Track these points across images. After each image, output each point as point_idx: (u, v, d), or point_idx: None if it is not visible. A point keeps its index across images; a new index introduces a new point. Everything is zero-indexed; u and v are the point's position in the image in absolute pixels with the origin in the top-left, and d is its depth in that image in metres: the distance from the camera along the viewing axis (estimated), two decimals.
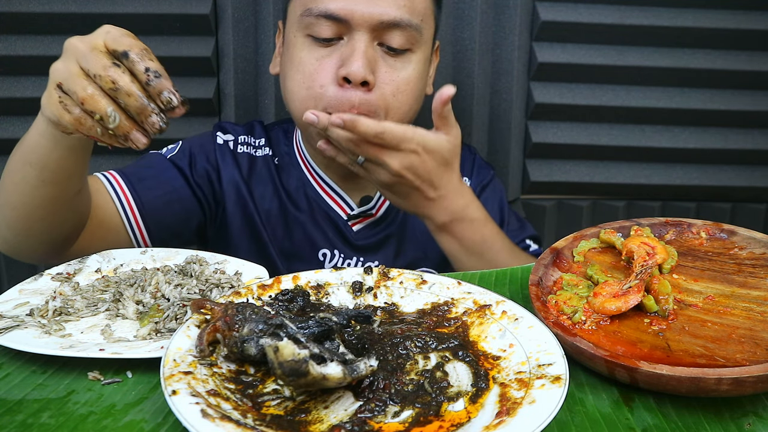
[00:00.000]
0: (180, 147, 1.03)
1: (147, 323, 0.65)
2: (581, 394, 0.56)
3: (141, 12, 1.21)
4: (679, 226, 0.79)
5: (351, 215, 1.03)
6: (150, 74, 0.63)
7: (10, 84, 1.23)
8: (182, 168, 1.00)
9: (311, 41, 0.91)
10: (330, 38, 0.90)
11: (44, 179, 0.76)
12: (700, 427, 0.52)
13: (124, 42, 0.65)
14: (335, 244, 1.03)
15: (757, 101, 1.32)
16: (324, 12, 0.88)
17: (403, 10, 0.89)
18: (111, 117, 0.63)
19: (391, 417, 0.49)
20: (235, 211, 1.03)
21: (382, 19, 0.87)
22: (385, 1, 0.88)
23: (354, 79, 0.87)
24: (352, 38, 0.88)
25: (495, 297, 0.64)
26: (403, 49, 0.91)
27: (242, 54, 1.26)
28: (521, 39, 1.28)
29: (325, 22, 0.88)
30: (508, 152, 1.34)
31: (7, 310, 0.65)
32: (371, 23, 0.87)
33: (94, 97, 0.63)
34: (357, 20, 0.87)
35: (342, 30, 0.89)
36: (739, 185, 1.36)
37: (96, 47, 0.65)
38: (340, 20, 0.88)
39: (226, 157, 1.03)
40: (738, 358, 0.55)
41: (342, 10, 0.87)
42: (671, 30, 1.27)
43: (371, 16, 0.87)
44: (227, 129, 1.07)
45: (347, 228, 1.03)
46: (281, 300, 0.63)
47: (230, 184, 1.03)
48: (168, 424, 0.51)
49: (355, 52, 0.87)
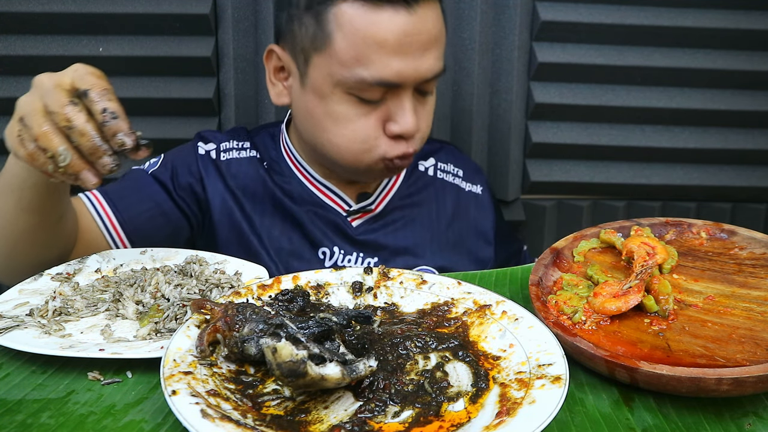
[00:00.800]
0: (162, 161, 1.02)
1: (147, 323, 0.65)
2: (581, 394, 0.56)
3: (141, 12, 1.21)
4: (679, 226, 0.79)
5: (350, 211, 1.03)
6: (106, 115, 0.64)
7: (10, 84, 1.23)
8: (164, 182, 1.00)
9: (355, 99, 0.90)
10: (378, 100, 0.90)
11: (23, 207, 0.77)
12: (700, 427, 0.52)
13: (87, 80, 0.66)
14: (335, 241, 1.03)
15: (757, 101, 1.32)
16: (379, 81, 0.87)
17: (440, 60, 0.92)
18: (62, 156, 0.64)
19: (391, 417, 0.49)
20: (221, 221, 1.02)
21: (427, 77, 0.90)
22: (428, 58, 0.89)
23: (408, 136, 0.91)
24: (399, 96, 0.90)
25: (495, 297, 0.64)
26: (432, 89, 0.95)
27: (242, 54, 1.26)
28: (521, 39, 1.28)
29: (379, 88, 0.89)
30: (508, 152, 1.34)
31: (7, 310, 0.65)
32: (418, 80, 0.89)
33: (48, 134, 0.64)
34: (407, 81, 0.88)
35: (390, 91, 0.90)
36: (739, 185, 1.36)
37: (60, 85, 0.66)
38: (394, 85, 0.88)
39: (208, 168, 1.03)
40: (738, 358, 0.55)
41: (395, 77, 0.87)
42: (671, 30, 1.27)
43: (418, 74, 0.89)
44: (208, 138, 1.06)
45: (346, 224, 1.03)
46: (281, 300, 0.63)
47: (215, 195, 1.02)
48: (168, 424, 0.51)
49: (405, 111, 0.90)
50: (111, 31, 1.22)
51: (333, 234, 1.03)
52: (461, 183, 1.11)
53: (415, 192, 1.08)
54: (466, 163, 1.15)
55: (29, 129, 0.65)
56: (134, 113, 1.27)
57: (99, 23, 1.21)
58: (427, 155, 1.11)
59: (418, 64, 0.88)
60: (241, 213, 1.02)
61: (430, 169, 1.10)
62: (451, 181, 1.10)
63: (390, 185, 1.06)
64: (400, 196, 1.06)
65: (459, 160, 1.14)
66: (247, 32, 1.26)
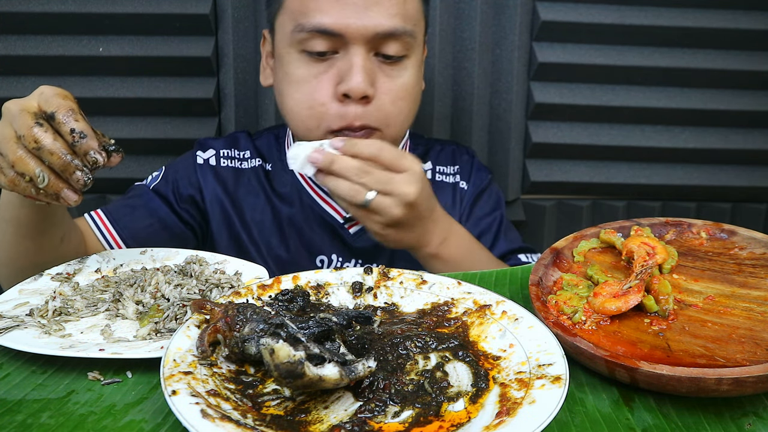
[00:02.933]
0: (163, 174, 1.03)
1: (147, 323, 0.65)
2: (581, 394, 0.56)
3: (141, 12, 1.21)
4: (679, 226, 0.79)
5: (347, 218, 1.02)
6: (75, 135, 0.66)
7: (10, 84, 1.23)
8: (166, 196, 1.01)
9: (306, 57, 0.89)
10: (325, 52, 0.88)
11: (22, 234, 0.78)
12: (700, 427, 0.52)
13: (52, 103, 0.67)
14: (332, 249, 1.02)
15: (757, 101, 1.32)
16: (317, 27, 0.86)
17: (396, 19, 0.87)
18: (39, 177, 0.66)
19: (391, 417, 0.49)
20: (220, 229, 1.02)
21: (377, 30, 0.86)
22: (378, 12, 0.86)
23: (355, 95, 0.87)
24: (348, 52, 0.87)
25: (495, 297, 0.64)
26: (399, 56, 0.90)
27: (242, 54, 1.26)
28: (521, 39, 1.28)
29: (319, 37, 0.87)
30: (508, 152, 1.34)
31: (7, 310, 0.65)
32: (366, 36, 0.86)
33: (23, 158, 0.66)
34: (351, 34, 0.86)
35: (337, 44, 0.87)
36: (739, 185, 1.36)
37: (25, 109, 0.67)
38: (334, 35, 0.86)
39: (207, 176, 1.03)
40: (738, 358, 0.55)
41: (335, 25, 0.85)
42: (671, 30, 1.27)
43: (366, 28, 0.85)
44: (208, 145, 1.06)
45: (344, 230, 1.02)
46: (281, 300, 0.63)
47: (213, 202, 1.02)
48: (168, 424, 0.51)
49: (353, 66, 0.86)
50: (111, 31, 1.22)
51: (330, 241, 1.02)
52: (456, 179, 1.10)
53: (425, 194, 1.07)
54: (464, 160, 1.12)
55: (5, 157, 0.67)
56: (134, 113, 1.29)
57: (99, 23, 1.21)
58: (425, 159, 1.09)
59: (363, 15, 0.85)
60: (240, 222, 1.03)
61: (428, 172, 1.09)
62: (448, 181, 1.09)
63: None
64: None
65: (456, 158, 1.12)
66: (247, 32, 1.26)
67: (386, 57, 0.89)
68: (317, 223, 1.03)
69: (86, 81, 1.24)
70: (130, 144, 1.27)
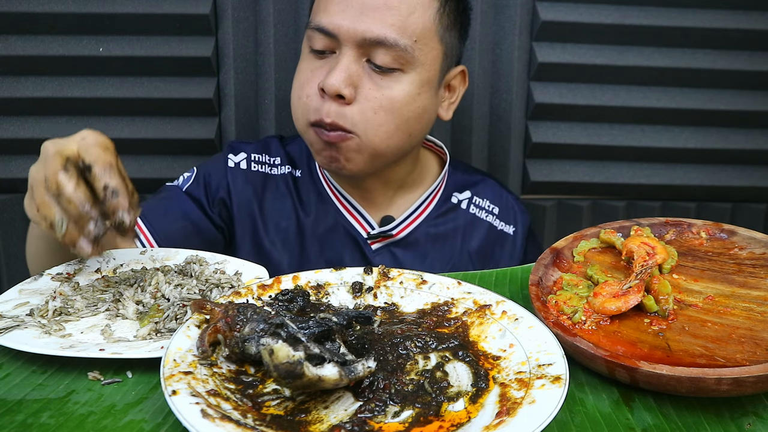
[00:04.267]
0: (194, 176, 1.03)
1: (147, 323, 0.65)
2: (581, 394, 0.56)
3: (141, 12, 1.21)
4: (679, 226, 0.79)
5: (371, 234, 1.01)
6: (108, 192, 0.66)
7: (10, 84, 1.23)
8: (198, 198, 1.01)
9: (310, 53, 0.93)
10: (323, 51, 0.91)
11: (54, 249, 0.80)
12: (700, 427, 0.52)
13: (92, 153, 0.67)
14: (353, 262, 1.01)
15: (757, 101, 1.32)
16: (317, 26, 0.90)
17: (390, 29, 0.87)
18: (59, 224, 0.65)
19: (391, 417, 0.49)
20: (244, 234, 1.02)
21: (365, 36, 0.87)
22: (371, 19, 0.87)
23: (328, 91, 0.88)
24: (340, 53, 0.90)
25: (495, 297, 0.64)
26: (390, 68, 0.89)
27: (242, 54, 1.26)
28: (521, 39, 1.28)
29: (320, 35, 0.90)
30: (508, 152, 1.34)
31: (7, 310, 0.65)
32: (356, 39, 0.88)
33: (47, 203, 0.66)
34: (343, 35, 0.88)
35: (334, 44, 0.90)
36: (739, 185, 1.36)
37: (59, 152, 0.66)
38: (330, 35, 0.89)
39: (237, 179, 1.03)
40: (738, 358, 0.55)
41: (330, 25, 0.88)
42: (671, 30, 1.27)
43: (356, 32, 0.87)
44: (239, 149, 1.06)
45: (366, 246, 1.02)
46: (281, 300, 0.63)
47: (241, 206, 1.02)
48: (168, 424, 0.51)
49: (337, 65, 0.88)
50: (111, 31, 1.22)
51: (351, 254, 1.02)
52: (494, 221, 1.07)
53: (442, 223, 1.05)
54: (505, 200, 1.09)
55: (33, 198, 0.67)
56: (134, 113, 1.29)
57: (99, 23, 1.21)
58: (463, 188, 1.08)
59: (357, 19, 0.87)
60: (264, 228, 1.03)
61: (464, 202, 1.07)
62: (483, 217, 1.07)
63: (418, 213, 1.04)
64: (427, 226, 1.04)
65: (497, 196, 1.09)
66: (247, 32, 1.26)
67: (377, 66, 0.90)
68: (341, 235, 1.02)
69: (86, 81, 1.24)
70: (131, 144, 1.27)
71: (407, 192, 1.05)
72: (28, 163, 1.26)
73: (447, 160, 1.08)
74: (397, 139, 0.93)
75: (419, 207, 1.04)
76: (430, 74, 0.93)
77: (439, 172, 1.09)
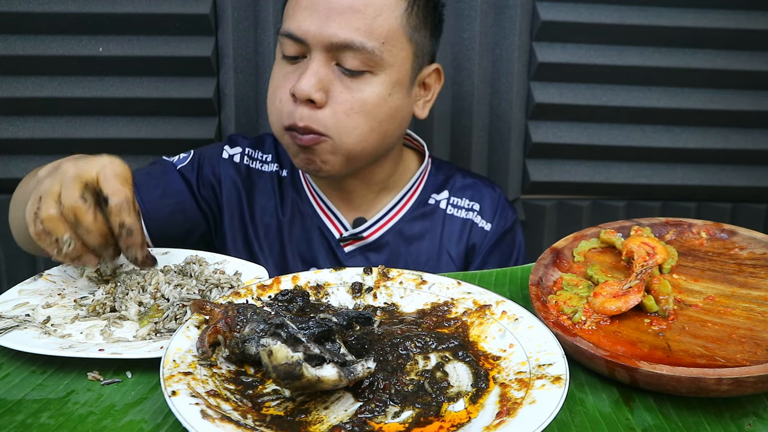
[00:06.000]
0: (190, 158, 1.05)
1: (146, 323, 0.65)
2: (581, 394, 0.56)
3: (141, 12, 1.21)
4: (679, 226, 0.79)
5: (343, 236, 1.02)
6: (123, 230, 0.66)
7: (10, 84, 1.23)
8: (190, 180, 1.03)
9: (282, 59, 0.94)
10: (295, 56, 0.92)
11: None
12: (700, 427, 0.52)
13: (110, 185, 0.67)
14: (327, 263, 1.02)
15: (757, 101, 1.32)
16: (286, 32, 0.91)
17: (356, 33, 0.88)
18: (66, 243, 0.66)
19: (391, 417, 0.49)
20: (231, 225, 1.04)
21: (332, 40, 0.88)
22: (338, 23, 0.88)
23: (299, 96, 0.88)
24: (310, 57, 0.90)
25: (495, 297, 0.64)
26: (360, 71, 0.90)
27: (242, 54, 1.26)
28: (521, 39, 1.28)
29: (289, 41, 0.91)
30: (508, 152, 1.34)
31: (7, 311, 0.65)
32: (323, 44, 0.88)
33: (55, 219, 0.65)
34: (310, 40, 0.89)
35: (304, 49, 0.91)
36: (739, 185, 1.36)
37: (79, 177, 0.66)
38: (299, 40, 0.90)
39: (229, 171, 1.05)
40: (738, 358, 0.55)
41: (298, 30, 0.89)
42: (671, 30, 1.27)
43: (322, 36, 0.88)
44: (236, 142, 1.08)
45: (339, 248, 1.02)
46: (281, 300, 0.63)
47: (230, 197, 1.04)
48: (168, 424, 0.51)
49: (306, 71, 0.89)
50: (111, 31, 1.22)
51: (325, 256, 1.03)
52: (475, 217, 1.05)
53: (419, 224, 1.04)
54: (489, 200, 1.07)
55: (39, 210, 0.66)
56: (134, 113, 1.29)
57: (99, 23, 1.21)
58: (441, 188, 1.07)
59: (323, 24, 0.88)
60: (251, 222, 1.04)
61: (442, 202, 1.06)
62: (463, 216, 1.05)
63: (391, 215, 1.03)
64: (400, 227, 1.03)
65: (478, 195, 1.07)
66: (247, 32, 1.26)
67: (346, 70, 0.90)
68: (315, 235, 1.03)
69: (86, 81, 1.24)
70: (131, 144, 1.27)
71: (389, 193, 1.05)
72: (28, 163, 1.27)
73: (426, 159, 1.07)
74: (372, 140, 0.93)
75: (393, 208, 1.04)
76: (400, 74, 0.93)
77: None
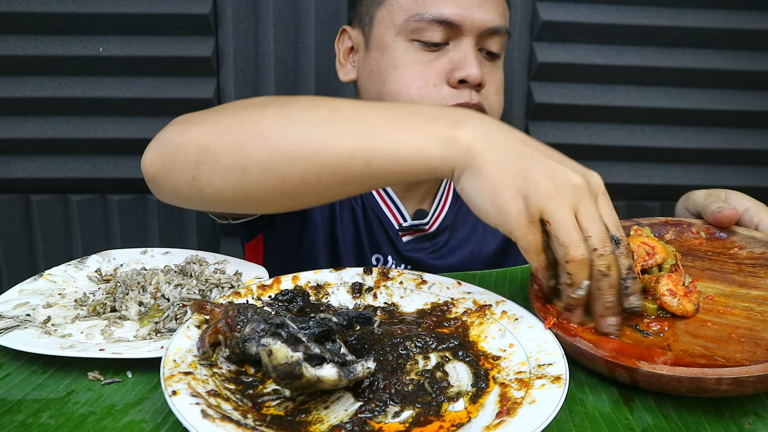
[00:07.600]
0: None
1: (147, 323, 0.65)
2: (581, 394, 0.56)
3: (141, 12, 1.21)
4: (679, 225, 0.79)
5: (403, 227, 1.02)
6: (629, 273, 0.57)
7: (10, 84, 1.23)
8: None
9: (417, 46, 0.91)
10: (439, 43, 0.91)
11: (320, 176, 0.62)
12: (700, 427, 0.52)
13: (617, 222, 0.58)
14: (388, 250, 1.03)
15: (757, 101, 1.32)
16: (437, 17, 0.89)
17: (502, 18, 0.92)
18: (581, 290, 0.56)
19: (391, 417, 0.49)
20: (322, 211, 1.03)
21: (489, 25, 0.90)
22: (491, 8, 0.90)
23: (473, 82, 0.89)
24: (461, 43, 0.90)
25: (495, 297, 0.64)
26: (498, 53, 0.95)
27: (242, 54, 1.26)
28: (521, 39, 1.28)
29: (437, 27, 0.89)
30: None
31: (7, 310, 0.65)
32: (480, 29, 0.90)
33: (583, 262, 0.55)
34: (468, 26, 0.89)
35: (451, 35, 0.90)
36: (739, 185, 1.36)
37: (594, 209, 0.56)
38: (453, 25, 0.89)
39: None
40: (738, 357, 0.55)
41: (457, 16, 0.88)
42: (671, 30, 1.27)
43: (482, 22, 0.89)
44: None
45: (398, 238, 1.02)
46: (281, 300, 0.63)
47: None
48: (168, 424, 0.51)
49: (468, 56, 0.89)
50: (111, 31, 1.22)
51: (385, 244, 1.03)
52: None
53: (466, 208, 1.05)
54: None
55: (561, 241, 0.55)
56: (134, 113, 1.28)
57: (99, 23, 1.21)
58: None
59: (478, 9, 0.89)
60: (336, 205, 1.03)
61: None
62: None
63: (442, 204, 1.04)
64: (452, 215, 1.05)
65: None
66: (247, 32, 1.26)
67: (489, 53, 0.93)
68: (375, 224, 1.03)
69: (86, 81, 1.24)
70: (131, 144, 1.27)
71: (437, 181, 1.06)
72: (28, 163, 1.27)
73: None
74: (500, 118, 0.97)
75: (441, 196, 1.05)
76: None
77: None
